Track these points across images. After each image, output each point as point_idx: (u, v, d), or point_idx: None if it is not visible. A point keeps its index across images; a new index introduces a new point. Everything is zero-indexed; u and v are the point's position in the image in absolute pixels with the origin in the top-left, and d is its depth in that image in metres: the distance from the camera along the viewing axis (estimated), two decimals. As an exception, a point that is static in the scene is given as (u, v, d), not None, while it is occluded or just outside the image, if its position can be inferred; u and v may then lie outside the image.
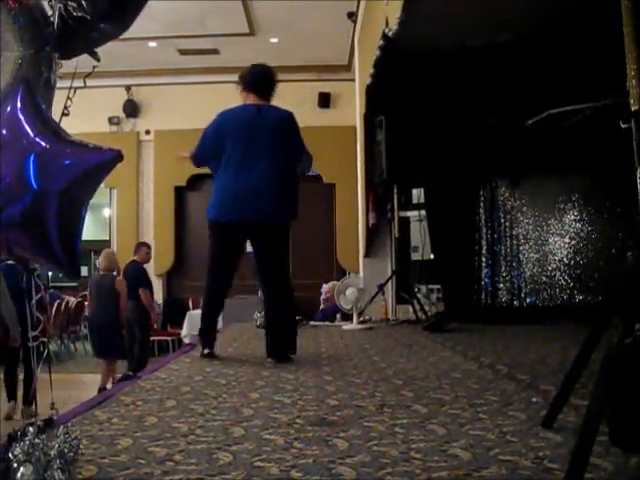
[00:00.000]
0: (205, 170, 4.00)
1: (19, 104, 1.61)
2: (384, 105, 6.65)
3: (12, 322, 4.95)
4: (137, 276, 7.74)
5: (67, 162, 1.58)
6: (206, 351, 4.00)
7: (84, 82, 2.07)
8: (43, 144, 1.57)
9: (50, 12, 1.99)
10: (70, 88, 2.04)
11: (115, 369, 7.15)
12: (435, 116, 6.23)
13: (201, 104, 10.99)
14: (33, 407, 2.10)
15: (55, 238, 1.55)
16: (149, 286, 7.87)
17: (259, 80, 4.04)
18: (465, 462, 1.76)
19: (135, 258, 7.94)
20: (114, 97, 11.10)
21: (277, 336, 3.88)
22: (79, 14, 1.97)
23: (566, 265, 6.85)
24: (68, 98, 2.03)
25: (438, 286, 7.44)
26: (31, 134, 1.58)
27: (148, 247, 8.25)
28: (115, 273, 7.49)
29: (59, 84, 2.04)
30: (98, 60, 2.23)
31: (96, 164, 1.62)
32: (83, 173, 1.59)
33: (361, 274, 8.47)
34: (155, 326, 8.95)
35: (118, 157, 1.60)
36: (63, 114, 1.99)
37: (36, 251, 1.59)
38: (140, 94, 11.46)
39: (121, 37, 2.33)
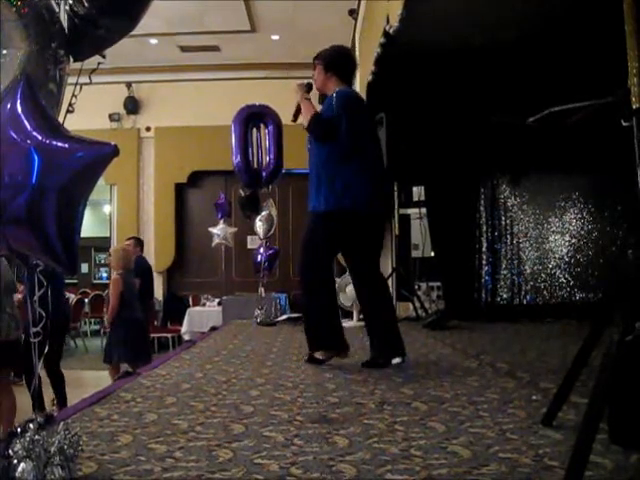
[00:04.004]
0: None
1: (19, 100, 1.60)
2: (385, 102, 6.64)
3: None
4: None
5: (65, 157, 1.58)
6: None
7: (89, 79, 2.07)
8: (41, 139, 1.57)
9: (57, 10, 1.99)
10: (76, 84, 2.04)
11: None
12: (436, 114, 6.22)
13: (202, 101, 11.02)
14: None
15: (54, 234, 1.55)
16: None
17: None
18: (465, 459, 1.76)
19: None
20: (115, 94, 11.09)
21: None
22: (81, 12, 1.97)
23: (566, 263, 6.86)
24: (73, 95, 2.03)
25: (438, 284, 7.44)
26: (29, 129, 1.58)
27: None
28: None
29: (63, 81, 2.04)
30: (104, 57, 2.23)
31: (94, 159, 1.61)
32: (81, 168, 1.59)
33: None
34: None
35: (115, 151, 1.60)
36: (68, 111, 1.99)
37: (34, 247, 1.59)
38: (141, 91, 11.46)
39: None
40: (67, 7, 1.97)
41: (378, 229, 3.68)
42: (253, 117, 7.16)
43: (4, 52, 1.83)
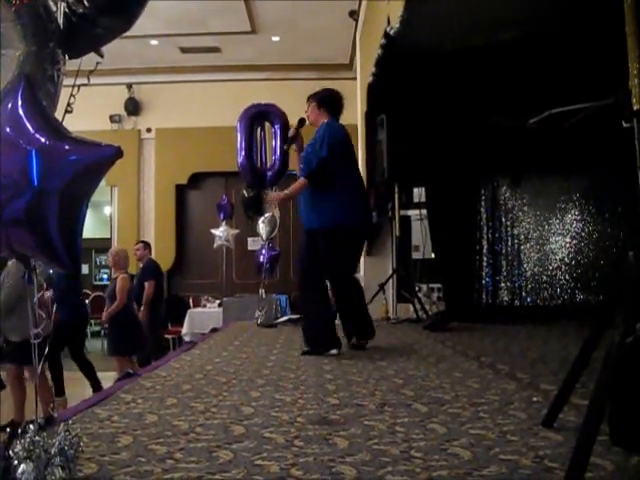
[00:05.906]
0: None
1: (20, 101, 1.60)
2: (385, 104, 6.64)
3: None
4: None
5: (67, 159, 1.58)
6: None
7: (88, 79, 2.07)
8: (43, 141, 1.57)
9: (54, 9, 1.99)
10: (74, 85, 2.05)
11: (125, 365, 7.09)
12: (436, 115, 6.22)
13: (202, 102, 11.02)
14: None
15: (56, 235, 1.55)
16: None
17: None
18: (465, 461, 1.76)
19: None
20: (115, 95, 11.10)
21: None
22: (80, 10, 1.97)
23: (567, 264, 6.86)
24: (71, 95, 2.03)
25: (439, 285, 7.43)
26: (31, 131, 1.57)
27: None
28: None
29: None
30: (102, 56, 2.23)
31: (96, 160, 1.61)
32: (83, 170, 1.59)
33: (362, 273, 8.46)
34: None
35: (118, 153, 1.60)
36: (66, 111, 1.99)
37: (37, 248, 1.59)
38: (141, 92, 11.46)
39: (122, 34, 2.32)
40: (64, 5, 1.97)
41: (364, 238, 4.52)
42: (259, 116, 7.10)
43: (2, 52, 1.83)
